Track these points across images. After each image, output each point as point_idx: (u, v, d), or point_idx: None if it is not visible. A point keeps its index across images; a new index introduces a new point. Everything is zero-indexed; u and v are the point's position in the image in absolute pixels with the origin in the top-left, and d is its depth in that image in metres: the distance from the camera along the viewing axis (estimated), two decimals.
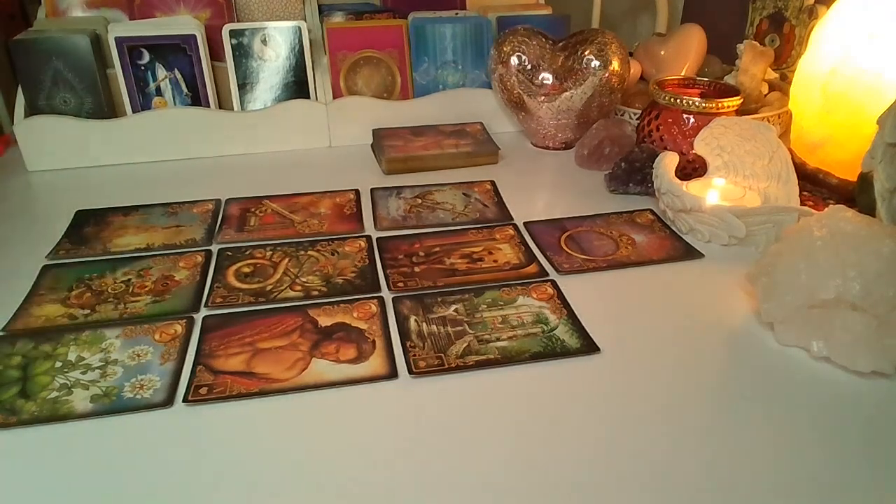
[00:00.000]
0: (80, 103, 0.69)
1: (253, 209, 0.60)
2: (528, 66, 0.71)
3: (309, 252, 0.52)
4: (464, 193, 0.63)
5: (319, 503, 0.32)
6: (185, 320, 0.44)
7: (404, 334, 0.43)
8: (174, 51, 0.70)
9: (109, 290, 0.48)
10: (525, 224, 0.57)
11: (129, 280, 0.49)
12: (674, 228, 0.56)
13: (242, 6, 0.76)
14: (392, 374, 0.39)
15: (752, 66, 0.72)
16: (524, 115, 0.75)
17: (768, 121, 0.68)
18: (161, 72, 0.70)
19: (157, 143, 0.71)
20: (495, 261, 0.51)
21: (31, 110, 0.68)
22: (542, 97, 0.71)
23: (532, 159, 0.73)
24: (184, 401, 0.37)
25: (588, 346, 0.42)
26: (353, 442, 0.35)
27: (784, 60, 0.83)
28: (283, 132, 0.74)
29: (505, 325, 0.44)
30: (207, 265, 0.51)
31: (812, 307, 0.40)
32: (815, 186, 0.63)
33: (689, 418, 0.36)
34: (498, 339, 0.42)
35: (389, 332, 0.43)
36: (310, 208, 0.60)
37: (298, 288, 0.48)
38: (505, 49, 0.72)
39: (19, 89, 0.68)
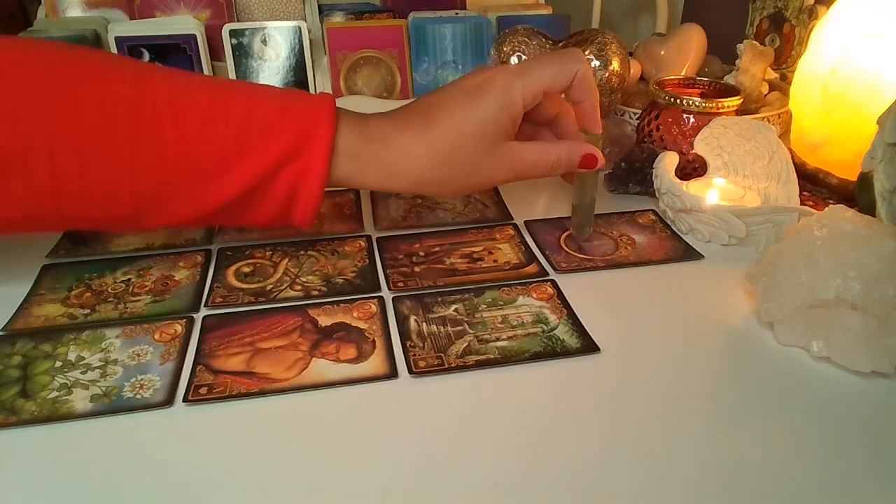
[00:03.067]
0: None
1: None
2: None
3: (309, 252, 0.53)
4: None
5: (319, 503, 0.32)
6: (184, 320, 0.44)
7: (404, 334, 0.43)
8: (174, 51, 0.70)
9: (109, 290, 0.48)
10: (525, 223, 0.57)
11: (129, 280, 0.49)
12: (674, 228, 0.56)
13: (242, 6, 0.77)
14: (392, 373, 0.39)
15: (752, 66, 0.72)
16: None
17: (768, 121, 0.68)
18: None
19: None
20: (495, 260, 0.52)
21: None
22: None
23: None
24: (184, 400, 0.37)
25: (588, 346, 0.42)
26: (352, 441, 0.35)
27: (784, 60, 0.83)
28: None
29: (505, 324, 0.44)
30: (207, 265, 0.51)
31: (812, 307, 0.40)
32: (815, 186, 0.63)
33: (689, 418, 0.36)
34: (498, 339, 0.42)
35: (389, 332, 0.43)
36: None
37: (298, 288, 0.48)
38: (505, 49, 0.72)
39: None
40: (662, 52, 0.82)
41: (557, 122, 0.51)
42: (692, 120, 0.62)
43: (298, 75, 0.73)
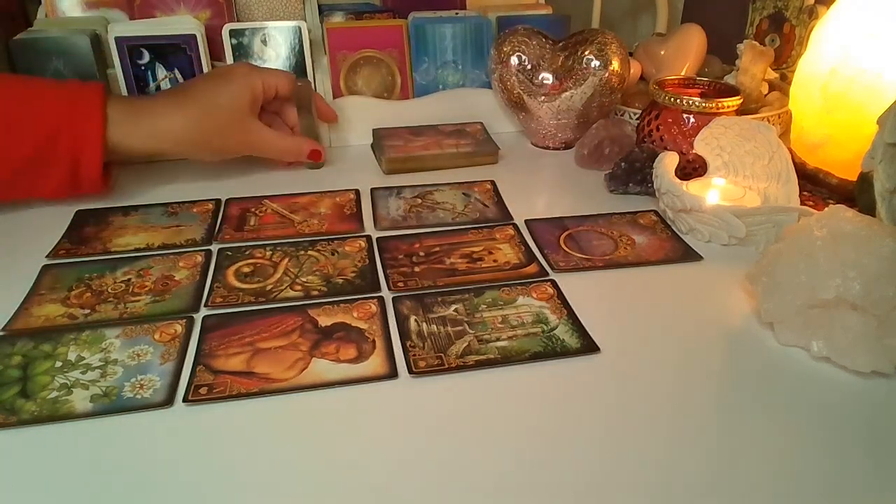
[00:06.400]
0: None
1: (253, 209, 0.60)
2: (528, 66, 0.71)
3: (309, 252, 0.52)
4: (464, 193, 0.63)
5: (319, 503, 0.32)
6: (184, 320, 0.44)
7: (404, 334, 0.43)
8: (174, 51, 0.70)
9: (109, 290, 0.48)
10: (526, 222, 0.57)
11: (129, 280, 0.49)
12: (674, 229, 0.56)
13: (242, 6, 0.76)
14: (392, 373, 0.39)
15: (752, 66, 0.72)
16: (524, 115, 0.75)
17: (768, 121, 0.68)
18: (161, 72, 0.70)
19: None
20: (495, 260, 0.51)
21: None
22: (542, 97, 0.71)
23: (532, 159, 0.73)
24: (184, 401, 0.37)
25: (588, 346, 0.42)
26: (352, 441, 0.35)
27: (784, 60, 0.83)
28: None
29: (505, 324, 0.44)
30: (207, 265, 0.51)
31: (812, 307, 0.40)
32: (815, 186, 0.63)
33: (689, 418, 0.36)
34: (498, 339, 0.42)
35: (389, 332, 0.43)
36: (310, 208, 0.60)
37: (298, 288, 0.48)
38: (505, 49, 0.72)
39: None
40: (662, 52, 0.82)
41: (282, 114, 0.68)
42: (692, 120, 0.62)
43: (298, 75, 0.73)
